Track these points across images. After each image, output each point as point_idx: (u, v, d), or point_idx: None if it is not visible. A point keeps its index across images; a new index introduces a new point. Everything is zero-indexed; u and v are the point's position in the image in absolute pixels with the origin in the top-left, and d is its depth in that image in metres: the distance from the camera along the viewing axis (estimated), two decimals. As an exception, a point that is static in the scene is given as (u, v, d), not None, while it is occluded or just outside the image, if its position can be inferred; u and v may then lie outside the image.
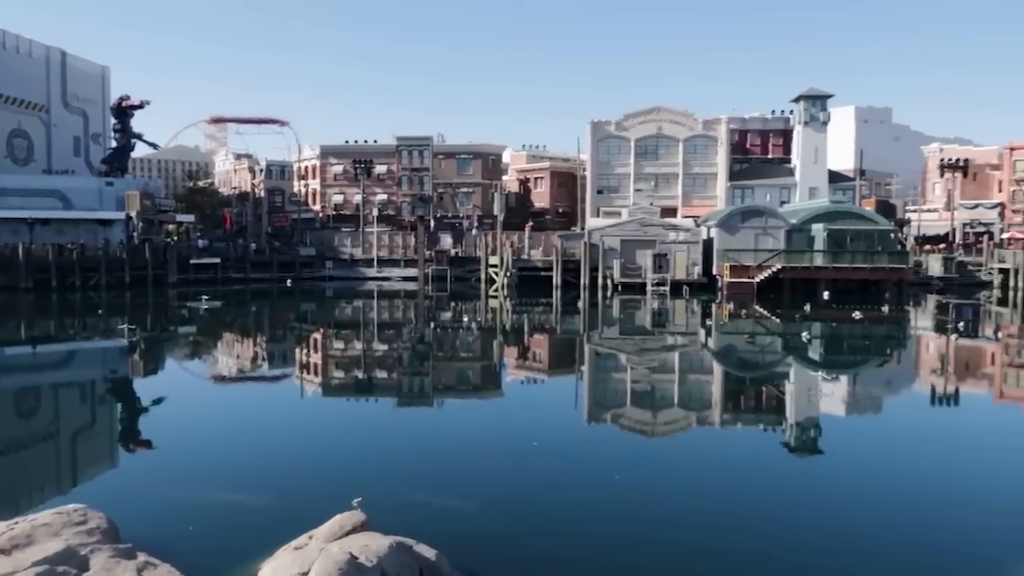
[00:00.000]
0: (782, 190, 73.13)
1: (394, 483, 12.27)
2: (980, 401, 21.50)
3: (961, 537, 10.31)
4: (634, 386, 22.76)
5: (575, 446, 15.38)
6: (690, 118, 76.91)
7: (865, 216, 57.86)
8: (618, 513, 11.17)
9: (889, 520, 10.92)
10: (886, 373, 27.23)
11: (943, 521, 10.94)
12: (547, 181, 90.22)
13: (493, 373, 25.93)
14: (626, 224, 59.44)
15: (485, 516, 10.95)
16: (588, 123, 77.48)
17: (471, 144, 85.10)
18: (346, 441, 15.66)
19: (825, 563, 9.54)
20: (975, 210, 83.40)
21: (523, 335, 35.69)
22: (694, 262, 57.07)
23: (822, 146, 72.99)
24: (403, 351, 30.18)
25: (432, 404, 20.57)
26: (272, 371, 26.15)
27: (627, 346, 32.23)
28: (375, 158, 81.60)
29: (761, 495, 12.19)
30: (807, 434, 17.01)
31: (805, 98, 72.47)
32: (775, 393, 22.75)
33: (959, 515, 11.14)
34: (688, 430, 17.50)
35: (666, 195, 75.52)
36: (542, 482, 12.66)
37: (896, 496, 12.02)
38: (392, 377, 24.13)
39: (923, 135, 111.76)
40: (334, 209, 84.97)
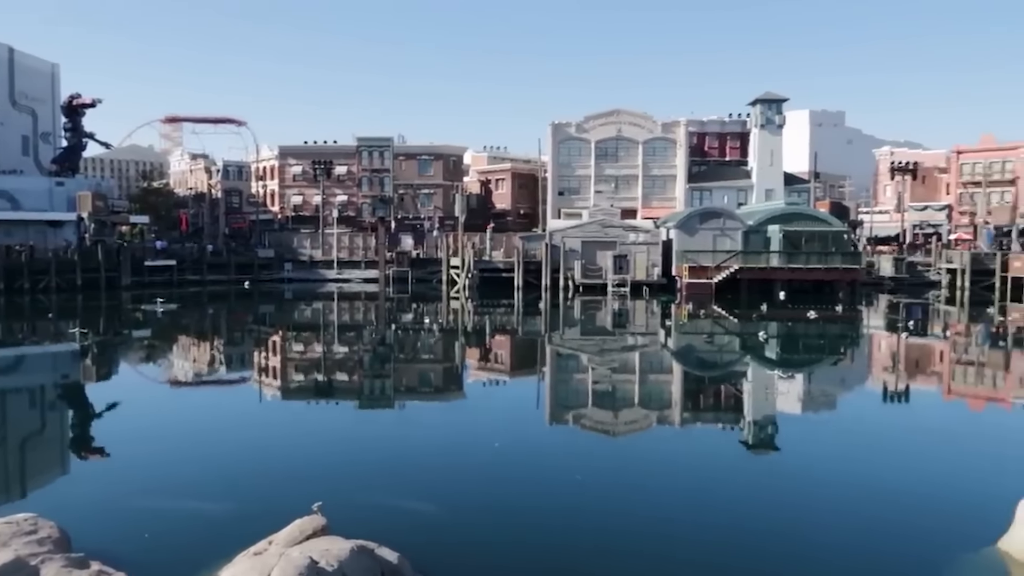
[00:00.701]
0: (739, 192, 74.32)
1: (355, 487, 12.19)
2: (930, 397, 22.11)
3: (911, 527, 10.60)
4: (595, 386, 22.92)
5: (537, 447, 15.44)
6: (649, 120, 77.75)
7: (819, 218, 59.10)
8: (580, 513, 11.25)
9: (843, 514, 11.19)
10: (840, 371, 27.86)
11: (895, 513, 11.22)
12: (508, 182, 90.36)
13: (455, 375, 25.89)
14: (587, 225, 59.81)
15: (447, 518, 10.94)
16: (549, 125, 77.84)
17: (432, 145, 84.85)
18: (306, 445, 15.48)
19: (783, 557, 9.73)
20: (924, 212, 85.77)
21: (485, 336, 35.71)
22: (654, 263, 57.68)
23: (778, 149, 74.35)
24: (364, 353, 29.97)
25: (393, 406, 20.47)
26: (230, 375, 25.74)
27: (588, 347, 32.44)
28: (335, 159, 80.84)
29: (720, 492, 12.38)
30: (764, 432, 17.32)
31: (761, 102, 73.74)
32: (733, 392, 23.13)
33: (910, 507, 11.45)
34: (648, 429, 17.69)
35: (626, 197, 76.20)
36: (504, 483, 12.70)
37: (850, 491, 12.30)
38: (353, 380, 23.94)
39: (875, 138, 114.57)
40: (293, 210, 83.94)
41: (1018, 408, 20.55)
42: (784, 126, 75.28)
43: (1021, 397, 21.98)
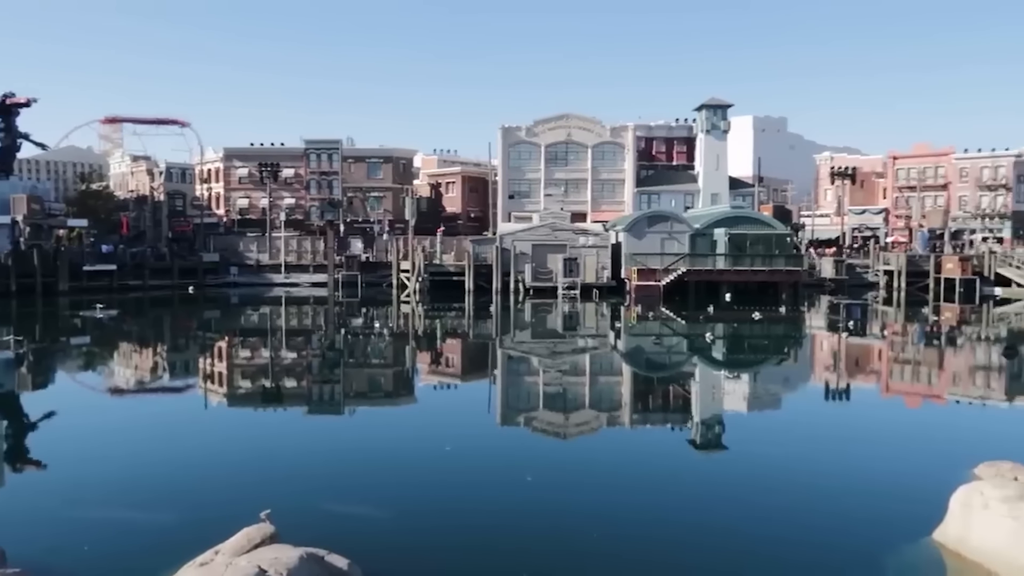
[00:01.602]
0: (686, 196, 75.63)
1: (304, 493, 12.03)
2: (869, 395, 22.80)
3: (852, 520, 10.92)
4: (546, 388, 23.05)
5: (488, 449, 15.46)
6: (598, 125, 78.58)
7: (763, 221, 60.54)
8: (530, 515, 11.31)
9: (787, 509, 11.51)
10: (784, 371, 28.56)
11: (836, 507, 11.56)
12: (459, 186, 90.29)
13: (405, 379, 25.74)
14: (537, 229, 60.12)
15: (398, 523, 10.88)
16: (499, 128, 78.04)
17: (382, 148, 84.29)
18: (254, 452, 15.21)
19: (729, 552, 9.93)
20: (862, 215, 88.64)
21: (436, 340, 35.59)
22: (603, 266, 58.30)
23: (723, 154, 75.90)
24: (313, 358, 29.58)
25: (343, 412, 20.25)
26: (173, 382, 25.13)
27: (539, 349, 32.60)
28: (282, 161, 79.70)
29: (669, 491, 12.58)
30: (711, 431, 17.63)
31: (707, 107, 75.19)
32: (681, 392, 23.51)
33: (851, 501, 11.79)
34: (599, 430, 17.86)
35: (576, 200, 76.86)
36: (455, 486, 12.68)
37: (794, 487, 12.64)
38: (301, 385, 23.61)
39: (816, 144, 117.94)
40: (239, 213, 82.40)
41: (951, 404, 21.35)
42: (729, 131, 76.93)
43: (954, 393, 22.83)
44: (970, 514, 9.42)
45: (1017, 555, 8.67)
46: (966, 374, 26.59)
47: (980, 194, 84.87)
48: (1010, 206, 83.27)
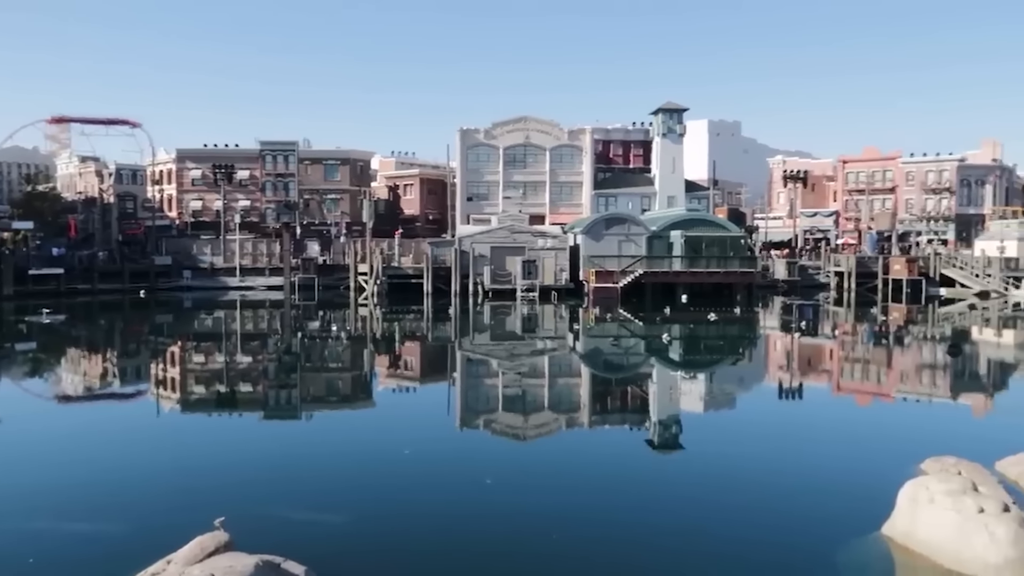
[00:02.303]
0: (643, 198, 76.42)
1: (260, 500, 11.85)
2: (820, 394, 23.32)
3: (804, 516, 11.17)
4: (505, 391, 23.08)
5: (447, 452, 15.41)
6: (556, 128, 78.99)
7: (718, 223, 61.52)
8: (490, 517, 11.31)
9: (741, 507, 11.69)
10: (739, 371, 29.05)
11: (789, 503, 11.81)
12: (417, 188, 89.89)
13: (363, 383, 25.53)
14: (496, 231, 60.18)
15: (356, 528, 10.78)
16: (457, 131, 77.93)
17: (339, 150, 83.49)
18: (208, 459, 14.92)
19: (685, 550, 10.06)
20: (814, 218, 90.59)
21: (394, 343, 35.38)
22: (562, 268, 58.61)
23: (679, 157, 76.88)
24: (268, 363, 29.14)
25: (300, 417, 19.99)
26: (124, 388, 24.52)
27: (498, 352, 32.62)
28: (237, 163, 78.34)
29: (627, 491, 12.68)
30: (669, 431, 17.84)
31: (663, 111, 76.09)
32: (639, 393, 23.75)
33: (803, 497, 12.07)
34: (558, 432, 17.93)
35: (534, 203, 77.13)
36: (414, 490, 12.60)
37: (748, 484, 12.85)
38: (257, 390, 23.24)
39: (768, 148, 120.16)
40: (192, 216, 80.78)
41: (899, 401, 21.95)
42: (684, 135, 77.96)
43: (902, 391, 23.48)
44: (917, 508, 9.69)
45: (961, 547, 8.95)
46: (913, 372, 27.37)
47: (925, 197, 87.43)
48: (954, 209, 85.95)
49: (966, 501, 9.26)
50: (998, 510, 9.08)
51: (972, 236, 77.70)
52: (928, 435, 16.56)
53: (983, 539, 8.81)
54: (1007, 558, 8.63)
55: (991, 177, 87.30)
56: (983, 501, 9.23)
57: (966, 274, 62.32)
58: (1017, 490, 11.57)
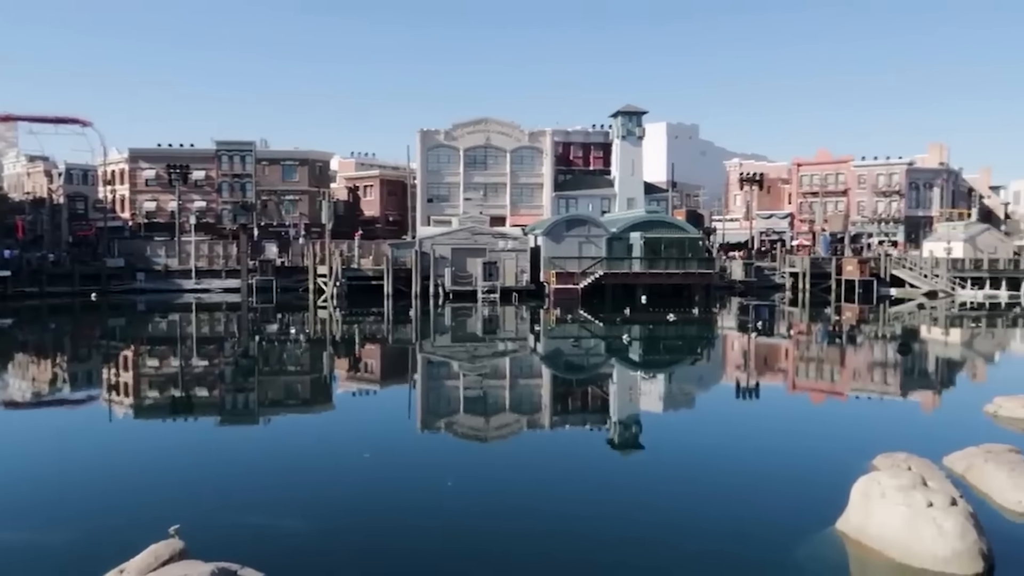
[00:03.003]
0: (603, 200, 76.98)
1: (216, 506, 11.65)
2: (777, 392, 23.74)
3: (760, 512, 11.35)
4: (467, 392, 23.05)
5: (408, 455, 15.33)
6: (516, 129, 79.17)
7: (677, 225, 62.28)
8: (451, 520, 11.27)
9: (700, 504, 11.88)
10: (697, 370, 29.45)
11: (746, 500, 11.97)
12: (377, 189, 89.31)
13: (323, 386, 25.26)
14: (456, 233, 60.08)
15: (314, 534, 10.65)
16: (417, 132, 77.62)
17: (297, 151, 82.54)
18: (162, 465, 14.59)
19: (645, 547, 10.15)
20: (769, 220, 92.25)
21: (354, 346, 35.08)
22: (522, 270, 58.75)
23: (638, 159, 77.64)
24: (225, 366, 28.64)
25: (258, 421, 19.69)
26: (75, 394, 23.88)
27: (459, 353, 32.56)
28: (192, 163, 77.03)
29: (587, 491, 12.74)
30: (629, 431, 18.00)
31: (622, 114, 76.76)
32: (599, 393, 23.91)
33: (759, 494, 12.25)
34: (519, 433, 17.97)
35: (495, 204, 77.18)
36: (374, 494, 12.52)
37: (706, 482, 13.06)
38: (213, 394, 22.84)
39: (726, 151, 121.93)
40: (146, 217, 79.09)
41: (852, 399, 22.46)
42: (643, 138, 78.76)
43: (855, 389, 24.03)
44: (869, 503, 9.92)
45: (911, 540, 9.19)
46: (865, 370, 28.05)
47: (876, 200, 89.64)
48: (903, 211, 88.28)
49: (915, 496, 9.51)
50: (946, 504, 9.34)
51: (920, 238, 79.94)
52: (879, 432, 16.97)
53: (932, 532, 9.06)
54: (955, 550, 8.89)
55: (938, 180, 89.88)
56: (932, 495, 9.50)
57: (915, 275, 64.10)
58: (964, 484, 11.93)
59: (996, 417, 17.69)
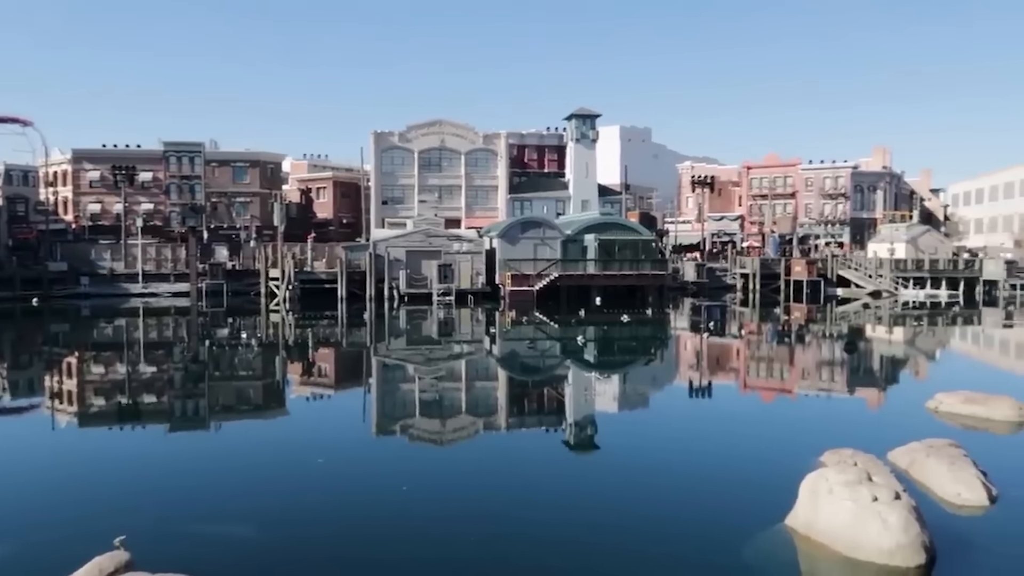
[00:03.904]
0: (558, 202, 77.48)
1: (164, 516, 11.37)
2: (728, 391, 24.14)
3: (712, 510, 11.53)
4: (422, 396, 22.93)
5: (363, 460, 15.19)
6: (471, 132, 79.17)
7: (631, 227, 62.97)
8: (407, 525, 11.19)
9: (653, 503, 12.00)
10: (651, 370, 29.79)
11: (697, 498, 12.17)
12: (330, 191, 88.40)
13: (275, 391, 24.86)
14: (411, 235, 59.80)
15: (265, 542, 10.47)
16: (371, 133, 77.07)
17: (248, 152, 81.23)
18: (107, 474, 14.20)
19: (599, 546, 10.22)
20: (720, 222, 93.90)
21: (307, 349, 34.63)
22: (478, 272, 58.75)
23: (592, 162, 78.31)
24: (174, 372, 27.99)
25: (208, 427, 19.29)
26: (15, 402, 23.06)
27: (415, 356, 32.38)
28: (138, 164, 75.36)
29: (543, 492, 12.79)
30: (584, 432, 18.12)
31: (576, 117, 77.36)
32: (555, 395, 24.00)
33: (711, 492, 12.44)
34: (476, 436, 17.94)
35: (450, 206, 77.03)
36: (328, 500, 12.35)
37: (659, 481, 13.21)
38: (162, 401, 22.30)
39: (678, 154, 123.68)
40: (90, 219, 77.02)
41: (801, 397, 22.97)
42: (597, 140, 79.50)
43: (803, 387, 24.57)
44: (817, 499, 10.15)
45: (857, 535, 9.43)
46: (813, 369, 28.72)
47: (823, 202, 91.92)
48: (848, 213, 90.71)
49: (861, 491, 9.76)
50: (890, 498, 9.61)
51: (865, 239, 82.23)
52: (827, 429, 17.39)
53: (877, 526, 9.32)
54: (898, 543, 9.15)
55: (881, 183, 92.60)
56: (876, 490, 9.76)
57: (860, 275, 65.90)
58: (907, 478, 12.30)
59: (937, 413, 18.27)
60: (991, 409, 17.61)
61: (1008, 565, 9.63)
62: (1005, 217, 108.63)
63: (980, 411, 17.65)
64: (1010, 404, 17.68)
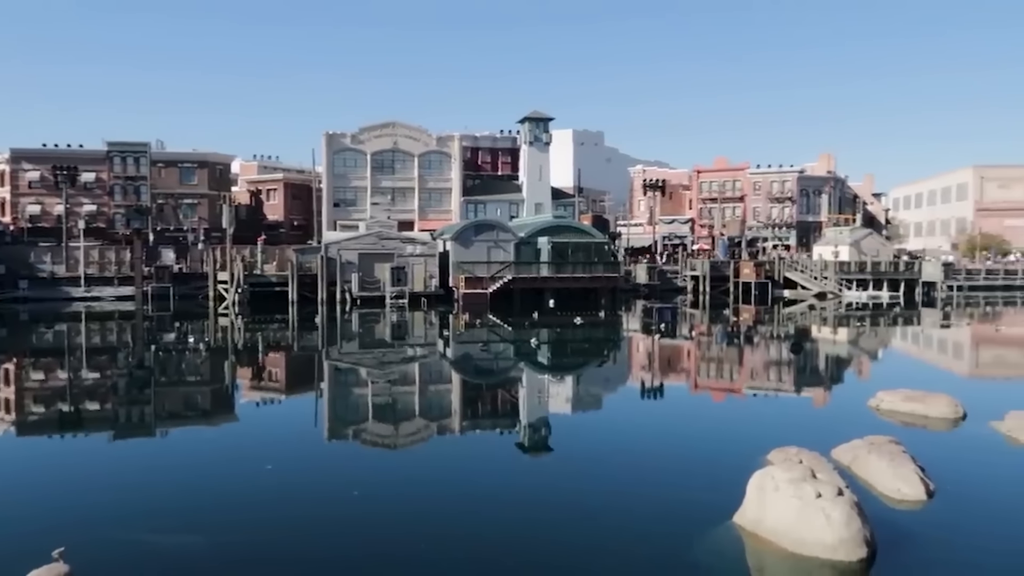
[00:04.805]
0: (511, 205, 77.61)
1: (106, 526, 11.05)
2: (679, 391, 24.49)
3: (662, 509, 11.69)
4: (375, 400, 22.75)
5: (313, 466, 14.98)
6: (424, 134, 78.84)
7: (583, 230, 63.45)
8: (358, 530, 11.10)
9: (606, 503, 12.10)
10: (604, 372, 30.05)
11: (649, 497, 12.30)
12: (281, 193, 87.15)
13: (224, 396, 24.38)
14: (364, 237, 59.25)
15: (211, 551, 10.25)
16: (323, 135, 76.18)
17: (195, 152, 79.56)
18: (47, 485, 13.75)
19: (551, 552, 10.28)
20: (671, 225, 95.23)
21: (257, 354, 34.05)
22: (431, 275, 58.48)
23: (545, 165, 78.66)
24: (118, 378, 27.23)
25: (153, 435, 18.83)
26: (-52, 411, 22.14)
27: (367, 360, 32.10)
28: (81, 165, 73.12)
29: (497, 494, 12.81)
30: (538, 434, 18.19)
31: (530, 120, 77.64)
32: (509, 397, 24.04)
33: (662, 491, 12.61)
34: (429, 440, 17.86)
35: (403, 209, 76.62)
36: (276, 507, 12.15)
37: (612, 481, 13.32)
38: (105, 408, 21.68)
39: (630, 158, 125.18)
40: (29, 221, 74.54)
41: (749, 396, 23.44)
42: (551, 144, 79.90)
43: (751, 387, 25.08)
44: (764, 497, 10.38)
45: (802, 530, 9.67)
46: (761, 369, 29.32)
47: (771, 206, 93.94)
48: (795, 216, 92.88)
49: (806, 488, 10.00)
50: (833, 495, 9.87)
51: (811, 242, 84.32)
52: (774, 427, 17.76)
53: (821, 522, 9.56)
54: (841, 538, 9.41)
55: (826, 187, 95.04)
56: (820, 487, 10.01)
57: (806, 277, 67.51)
58: (849, 475, 12.64)
59: (878, 410, 18.82)
60: (929, 406, 18.21)
61: (944, 556, 9.98)
62: (943, 221, 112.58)
63: (919, 408, 18.24)
64: (947, 402, 18.31)
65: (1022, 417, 16.18)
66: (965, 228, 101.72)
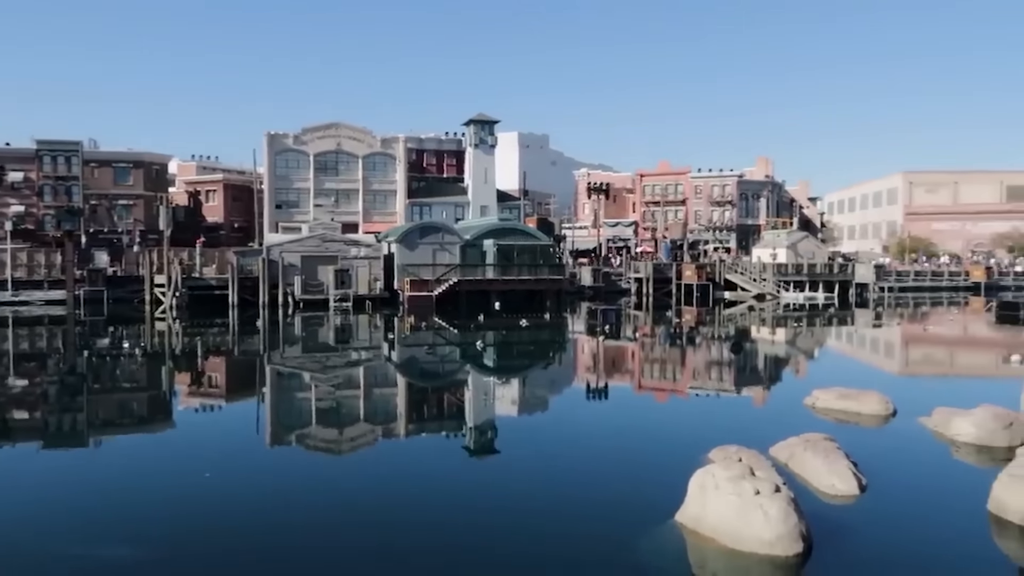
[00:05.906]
0: (456, 207, 77.50)
1: (36, 541, 10.63)
2: (623, 392, 24.80)
3: (606, 508, 11.82)
4: (319, 404, 22.44)
5: (255, 472, 14.70)
6: (369, 135, 78.18)
7: (529, 232, 63.78)
8: (300, 537, 10.92)
9: (550, 503, 12.17)
10: (550, 373, 30.24)
11: (593, 497, 12.43)
12: (221, 194, 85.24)
13: (161, 403, 23.73)
14: (307, 240, 58.39)
15: (147, 563, 9.96)
16: (264, 135, 74.86)
17: (130, 152, 77.27)
18: (-29, 498, 13.17)
19: (494, 553, 10.31)
20: (616, 227, 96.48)
21: (196, 359, 33.24)
22: (376, 277, 57.97)
23: (491, 167, 78.84)
24: (48, 385, 26.22)
25: (86, 444, 18.18)
26: None
27: (311, 364, 31.64)
28: (7, 164, 70.28)
29: (445, 499, 12.76)
30: (484, 436, 18.20)
31: (475, 122, 77.71)
32: (455, 400, 24.01)
33: (605, 491, 12.74)
34: (374, 444, 17.72)
35: (347, 211, 75.83)
36: (215, 516, 11.87)
37: (556, 481, 13.40)
38: (34, 417, 20.86)
39: (575, 161, 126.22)
40: (-50, 222, 71.11)
41: (691, 396, 23.89)
42: (496, 146, 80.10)
43: (694, 386, 25.57)
44: (704, 495, 10.59)
45: (741, 527, 9.91)
46: (703, 369, 29.92)
47: (711, 209, 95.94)
48: (735, 220, 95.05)
49: (744, 485, 10.25)
50: (771, 491, 10.14)
51: (750, 244, 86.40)
52: (715, 426, 18.12)
53: (759, 518, 9.81)
54: (778, 534, 9.67)
55: (764, 191, 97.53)
56: (759, 484, 10.27)
57: (746, 279, 69.15)
58: (787, 472, 13.00)
59: (814, 408, 19.40)
60: (861, 404, 18.86)
61: (877, 549, 10.34)
62: (874, 224, 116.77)
63: (852, 406, 18.87)
64: (878, 399, 18.98)
65: (948, 413, 16.85)
66: (895, 231, 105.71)
